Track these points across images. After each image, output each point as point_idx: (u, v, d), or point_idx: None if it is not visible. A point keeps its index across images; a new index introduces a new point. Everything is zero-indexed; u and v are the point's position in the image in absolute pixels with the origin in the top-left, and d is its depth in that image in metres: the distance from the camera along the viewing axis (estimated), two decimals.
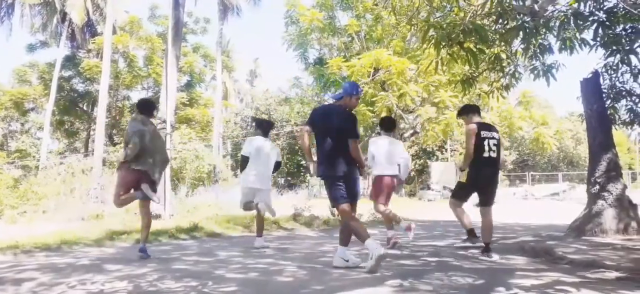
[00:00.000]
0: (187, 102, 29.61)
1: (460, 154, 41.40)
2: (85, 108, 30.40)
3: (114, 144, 26.16)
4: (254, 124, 6.89)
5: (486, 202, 5.59)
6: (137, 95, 30.31)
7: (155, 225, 7.85)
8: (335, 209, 5.05)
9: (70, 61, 28.56)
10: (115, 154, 20.61)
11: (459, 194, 5.83)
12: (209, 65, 33.47)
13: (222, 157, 30.69)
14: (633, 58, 7.63)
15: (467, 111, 5.83)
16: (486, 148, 5.45)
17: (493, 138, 5.52)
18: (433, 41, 5.82)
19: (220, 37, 30.53)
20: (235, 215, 10.05)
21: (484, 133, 5.51)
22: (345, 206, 4.53)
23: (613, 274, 4.22)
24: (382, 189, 6.35)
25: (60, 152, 30.06)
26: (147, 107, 5.79)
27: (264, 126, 6.80)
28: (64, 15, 26.91)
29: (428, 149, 34.85)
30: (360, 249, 4.93)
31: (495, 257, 5.32)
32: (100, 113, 18.46)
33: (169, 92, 11.18)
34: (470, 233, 5.76)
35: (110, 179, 13.52)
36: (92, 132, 28.67)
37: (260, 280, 4.14)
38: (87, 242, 6.67)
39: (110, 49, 19.67)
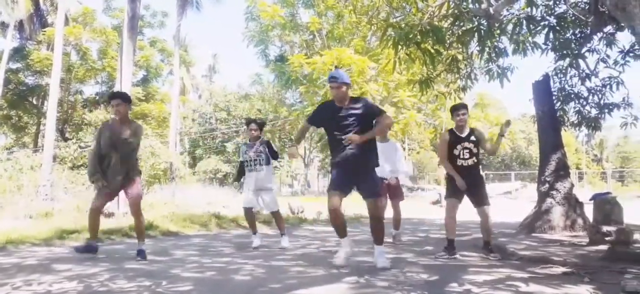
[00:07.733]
0: (143, 98, 28.73)
1: (418, 153, 42.17)
2: (34, 102, 29.06)
3: (66, 140, 25.11)
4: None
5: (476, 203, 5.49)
6: (90, 89, 29.28)
7: (108, 223, 7.60)
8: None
9: (19, 53, 27.20)
10: (67, 150, 19.81)
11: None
12: (167, 60, 32.61)
13: (180, 155, 30.08)
14: (581, 62, 8.00)
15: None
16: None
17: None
18: (391, 41, 5.89)
19: (178, 32, 29.76)
20: (192, 214, 9.87)
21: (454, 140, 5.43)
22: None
23: (560, 270, 4.41)
24: None
25: (7, 147, 28.63)
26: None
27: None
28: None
29: None
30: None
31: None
32: (51, 107, 17.64)
33: (123, 86, 10.85)
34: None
35: (60, 175, 13.00)
36: (42, 127, 27.41)
37: (217, 279, 4.08)
38: (34, 241, 6.36)
39: (62, 41, 18.84)
